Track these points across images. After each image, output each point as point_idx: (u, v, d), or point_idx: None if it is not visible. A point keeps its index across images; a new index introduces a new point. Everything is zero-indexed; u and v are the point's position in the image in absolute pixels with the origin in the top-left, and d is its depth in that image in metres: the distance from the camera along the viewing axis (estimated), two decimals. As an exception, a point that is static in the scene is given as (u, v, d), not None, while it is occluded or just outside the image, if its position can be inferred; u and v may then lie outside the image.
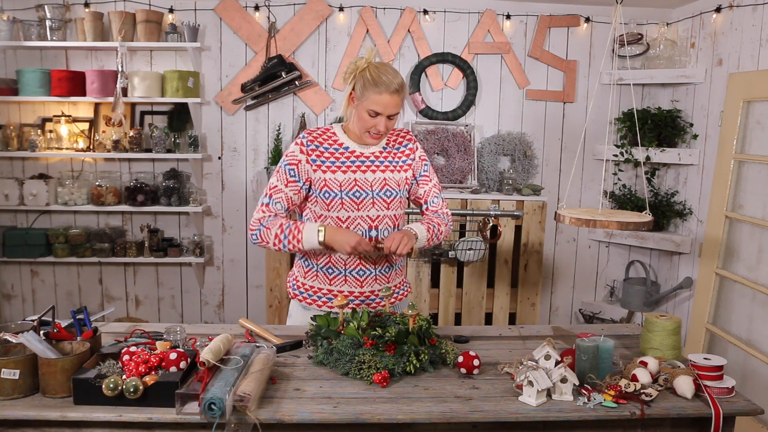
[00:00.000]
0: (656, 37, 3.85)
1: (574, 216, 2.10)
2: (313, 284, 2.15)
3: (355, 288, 2.12)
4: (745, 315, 3.15)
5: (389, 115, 2.00)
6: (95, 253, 3.82)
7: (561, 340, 2.06)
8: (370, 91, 1.96)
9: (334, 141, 2.09)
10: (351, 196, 2.04)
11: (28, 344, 1.61)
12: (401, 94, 2.00)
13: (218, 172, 4.00)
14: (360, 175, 2.06)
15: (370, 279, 2.13)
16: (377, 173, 2.08)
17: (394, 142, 2.16)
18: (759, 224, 3.07)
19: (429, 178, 2.20)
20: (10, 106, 3.84)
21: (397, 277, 2.22)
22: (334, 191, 2.03)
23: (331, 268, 2.12)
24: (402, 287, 2.26)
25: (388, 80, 1.96)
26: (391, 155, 2.13)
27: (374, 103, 1.97)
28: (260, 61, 3.83)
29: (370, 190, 2.06)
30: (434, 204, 2.20)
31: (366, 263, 2.11)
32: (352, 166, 2.06)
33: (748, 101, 3.19)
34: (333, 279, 2.12)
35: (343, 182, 2.04)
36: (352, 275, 2.11)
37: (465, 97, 3.93)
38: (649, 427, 1.63)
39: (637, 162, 3.86)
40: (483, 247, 3.60)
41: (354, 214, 2.06)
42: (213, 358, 1.58)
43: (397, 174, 2.11)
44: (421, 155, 2.19)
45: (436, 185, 2.21)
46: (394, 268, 2.19)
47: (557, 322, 4.29)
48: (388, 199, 2.08)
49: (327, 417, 1.53)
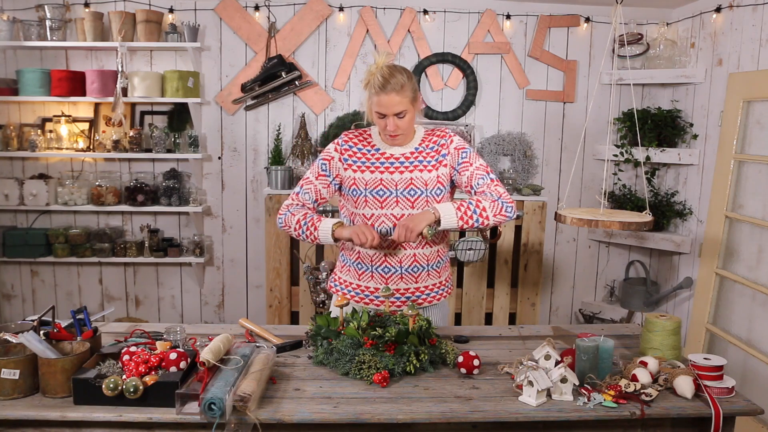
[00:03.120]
0: (656, 37, 3.85)
1: (575, 216, 2.10)
2: (346, 278, 2.23)
3: (381, 284, 2.14)
4: (745, 315, 3.15)
5: (395, 114, 2.02)
6: (95, 253, 3.82)
7: (561, 340, 2.06)
8: (372, 94, 2.03)
9: (368, 143, 2.17)
10: (375, 194, 2.09)
11: (28, 344, 1.61)
12: (402, 93, 1.99)
13: (218, 172, 4.00)
14: (387, 176, 2.10)
15: (395, 277, 2.13)
16: (405, 174, 2.10)
17: (429, 142, 2.15)
18: (759, 224, 3.07)
19: (469, 163, 2.12)
20: (10, 106, 3.83)
21: (429, 279, 2.17)
22: (360, 189, 2.10)
23: (360, 263, 2.16)
24: (436, 290, 2.20)
25: (386, 82, 1.98)
26: (422, 155, 2.13)
27: (376, 105, 2.02)
28: (260, 61, 3.83)
29: (394, 189, 2.09)
30: (479, 185, 2.09)
31: (390, 261, 2.12)
32: (380, 167, 2.11)
33: (748, 101, 3.18)
34: (362, 274, 2.17)
35: (369, 181, 2.10)
36: (378, 272, 2.14)
37: (465, 97, 3.94)
38: (649, 427, 1.63)
39: (637, 162, 3.86)
40: (483, 247, 3.60)
41: (378, 211, 2.10)
42: (213, 358, 1.58)
43: (427, 173, 2.11)
44: (457, 146, 2.13)
45: (479, 168, 2.11)
46: (426, 268, 2.15)
47: (557, 322, 4.29)
48: (412, 198, 2.09)
49: (327, 417, 1.53)
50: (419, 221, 1.98)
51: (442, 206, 2.02)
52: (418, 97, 2.08)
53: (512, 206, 2.07)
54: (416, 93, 2.07)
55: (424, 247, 2.13)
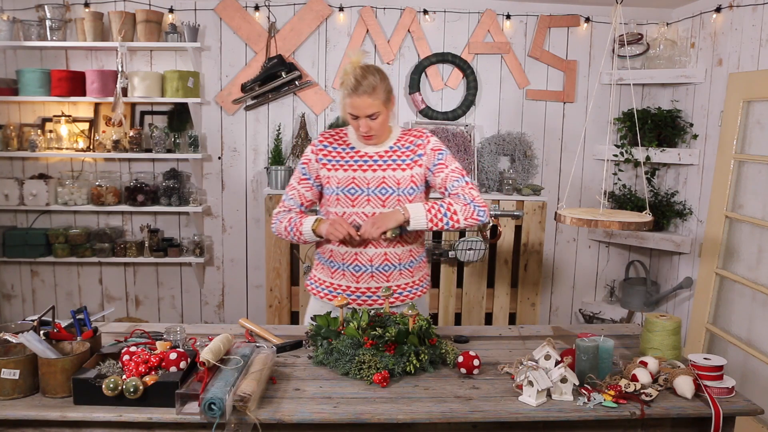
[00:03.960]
0: (656, 37, 3.85)
1: (575, 216, 2.10)
2: (320, 276, 2.25)
3: (351, 283, 2.16)
4: (745, 315, 3.15)
5: (367, 115, 2.03)
6: (95, 253, 3.82)
7: (561, 340, 2.07)
8: (345, 96, 2.05)
9: (344, 141, 2.19)
10: (346, 192, 2.11)
11: (28, 344, 1.61)
12: (374, 95, 2.01)
13: (218, 172, 4.00)
14: (360, 174, 2.12)
15: (366, 275, 2.14)
16: (378, 172, 2.11)
17: (406, 141, 2.17)
18: (759, 224, 3.07)
19: (445, 165, 2.13)
20: (10, 106, 3.83)
21: (402, 278, 2.18)
22: (332, 187, 2.13)
23: (332, 261, 2.18)
24: (409, 288, 2.21)
25: (358, 84, 2.00)
26: (396, 154, 2.14)
27: (349, 107, 2.05)
28: (260, 61, 3.83)
29: (366, 188, 2.10)
30: (454, 188, 2.11)
31: (361, 259, 2.13)
32: (354, 165, 2.13)
33: (748, 101, 3.18)
34: (334, 272, 2.19)
35: (341, 179, 2.12)
36: (349, 270, 2.15)
37: (465, 97, 3.93)
38: (649, 427, 1.63)
39: (637, 162, 3.86)
40: (483, 247, 3.60)
41: (350, 210, 2.11)
42: (213, 358, 1.58)
43: (401, 172, 2.12)
44: (434, 147, 2.15)
45: (454, 171, 2.13)
46: (397, 267, 2.16)
47: (557, 322, 4.29)
48: (383, 197, 2.10)
49: (327, 417, 1.53)
50: (387, 220, 2.02)
51: (412, 207, 2.05)
52: (391, 98, 2.09)
53: (485, 210, 2.08)
54: (389, 94, 2.07)
55: (395, 246, 2.13)
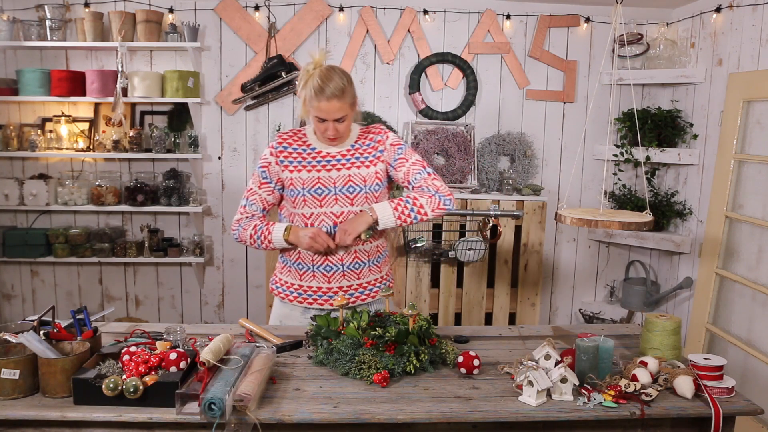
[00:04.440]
0: (656, 37, 3.85)
1: (575, 216, 2.10)
2: (287, 279, 2.23)
3: (323, 284, 2.16)
4: (745, 315, 3.15)
5: (335, 119, 2.03)
6: (95, 253, 3.82)
7: (561, 340, 2.06)
8: (312, 99, 2.02)
9: (303, 142, 2.18)
10: (313, 193, 2.10)
11: (28, 344, 1.61)
12: (342, 98, 2.00)
13: (218, 172, 4.00)
14: (324, 174, 2.11)
15: (337, 275, 2.14)
16: (342, 171, 2.11)
17: (364, 139, 2.18)
18: (759, 224, 3.07)
19: (405, 159, 2.14)
20: (10, 106, 3.83)
21: (371, 274, 2.20)
22: (298, 189, 2.11)
23: (300, 263, 2.17)
24: (379, 284, 2.23)
25: (326, 87, 1.99)
26: (358, 152, 2.15)
27: (316, 110, 2.03)
28: (260, 61, 3.83)
29: (332, 187, 2.10)
30: (417, 180, 2.12)
31: (332, 259, 2.13)
32: (317, 165, 2.12)
33: (748, 101, 3.18)
34: (303, 275, 2.17)
35: (306, 180, 2.10)
36: (320, 271, 2.15)
37: (465, 97, 3.93)
38: (649, 427, 1.63)
39: (637, 162, 3.86)
40: (483, 247, 3.60)
41: (317, 210, 2.11)
42: (213, 358, 1.58)
43: (365, 170, 2.12)
44: (393, 142, 2.16)
45: (415, 163, 2.13)
46: (367, 264, 2.17)
47: (557, 322, 4.29)
48: (351, 196, 2.10)
49: (327, 417, 1.53)
50: (357, 225, 2.03)
51: (378, 207, 2.05)
52: (356, 100, 2.09)
53: (450, 198, 2.10)
54: (355, 97, 2.07)
55: (364, 243, 2.15)
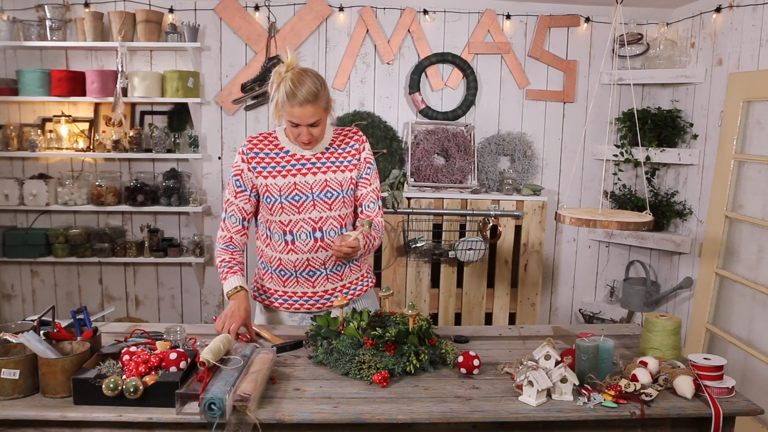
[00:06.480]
0: (656, 37, 3.85)
1: (574, 216, 2.10)
2: (270, 286, 2.20)
3: (307, 289, 2.15)
4: (745, 315, 3.15)
5: (309, 124, 1.98)
6: (95, 253, 3.82)
7: (561, 340, 2.07)
8: (285, 104, 1.95)
9: (276, 146, 2.11)
10: (290, 200, 2.06)
11: (28, 344, 1.61)
12: (316, 103, 1.94)
13: (218, 172, 4.00)
14: (300, 178, 2.07)
15: (321, 279, 2.14)
16: (318, 175, 2.08)
17: (341, 142, 2.15)
18: (759, 224, 3.07)
19: (369, 182, 2.16)
20: (10, 106, 3.83)
21: (353, 274, 2.21)
22: (274, 196, 2.06)
23: (282, 270, 2.14)
24: (361, 282, 2.24)
25: (298, 91, 1.91)
26: (334, 156, 2.12)
27: (290, 115, 1.97)
28: (260, 61, 3.83)
29: (310, 193, 2.07)
30: (369, 209, 2.17)
31: (314, 263, 2.11)
32: (292, 170, 2.07)
33: (748, 101, 3.18)
34: (286, 281, 2.15)
35: (282, 186, 2.06)
36: (304, 276, 2.13)
37: (465, 97, 3.93)
38: (649, 427, 1.63)
39: (637, 162, 3.86)
40: (483, 247, 3.60)
41: (296, 217, 2.07)
42: (213, 358, 1.58)
43: (341, 174, 2.10)
44: (367, 157, 2.16)
45: (374, 190, 2.17)
46: (348, 265, 2.18)
47: (557, 322, 4.29)
48: (329, 201, 2.08)
49: (327, 417, 1.53)
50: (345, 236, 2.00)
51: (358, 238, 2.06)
52: (331, 103, 2.04)
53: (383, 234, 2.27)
54: (330, 100, 2.02)
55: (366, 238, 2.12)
